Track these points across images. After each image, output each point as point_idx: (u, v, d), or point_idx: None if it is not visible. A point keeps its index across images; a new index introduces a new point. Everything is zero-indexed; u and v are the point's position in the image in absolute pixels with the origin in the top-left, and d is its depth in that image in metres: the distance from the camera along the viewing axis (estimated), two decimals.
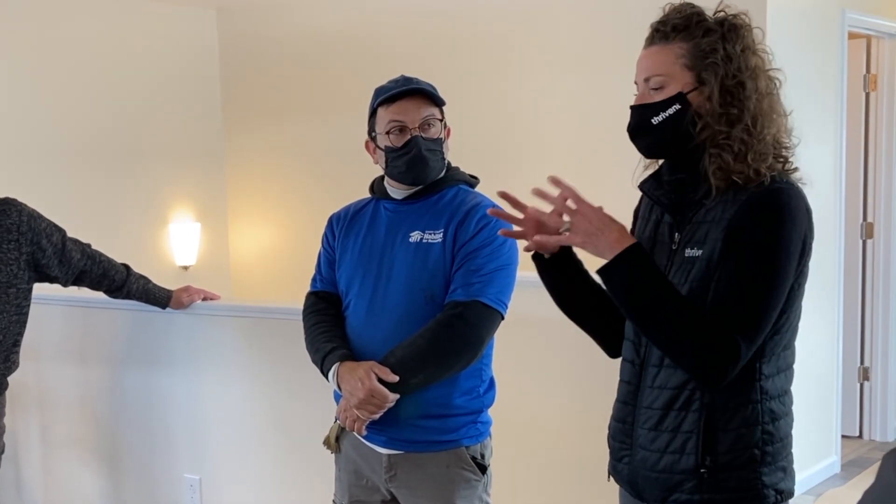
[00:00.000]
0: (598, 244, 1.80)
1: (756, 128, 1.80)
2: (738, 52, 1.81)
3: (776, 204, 1.77)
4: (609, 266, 1.79)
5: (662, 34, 1.86)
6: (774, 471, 1.84)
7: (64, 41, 5.58)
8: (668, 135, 1.85)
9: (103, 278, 3.27)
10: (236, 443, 3.51)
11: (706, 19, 1.84)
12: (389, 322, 2.33)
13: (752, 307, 1.75)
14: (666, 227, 1.92)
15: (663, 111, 1.84)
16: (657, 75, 1.85)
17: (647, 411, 1.88)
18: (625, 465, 1.95)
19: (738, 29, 1.84)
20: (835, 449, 5.11)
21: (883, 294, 5.58)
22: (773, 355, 1.83)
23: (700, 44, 1.82)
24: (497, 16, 5.20)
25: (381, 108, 2.39)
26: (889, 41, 5.50)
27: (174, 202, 6.21)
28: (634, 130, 1.90)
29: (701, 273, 1.79)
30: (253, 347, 3.45)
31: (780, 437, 1.86)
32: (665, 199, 1.91)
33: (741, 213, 1.77)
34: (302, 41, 6.01)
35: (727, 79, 1.80)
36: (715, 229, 1.80)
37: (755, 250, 1.75)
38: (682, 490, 1.84)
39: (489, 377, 2.44)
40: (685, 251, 1.84)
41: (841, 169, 5.02)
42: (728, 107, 1.81)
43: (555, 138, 5.01)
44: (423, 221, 2.38)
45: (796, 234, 1.77)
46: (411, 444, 2.35)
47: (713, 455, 1.81)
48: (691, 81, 1.82)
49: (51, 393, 3.94)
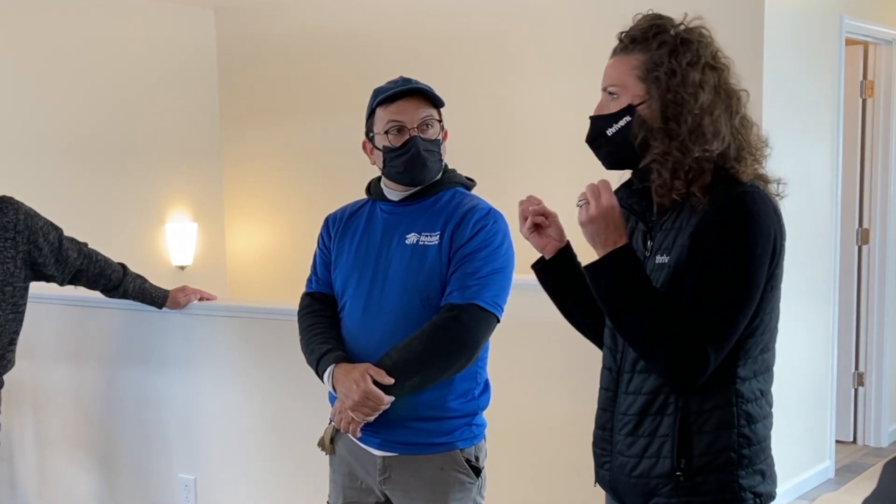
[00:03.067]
0: (597, 237, 1.82)
1: (692, 144, 1.79)
2: (683, 67, 1.80)
3: (740, 208, 1.76)
4: (596, 264, 1.82)
5: (623, 45, 1.87)
6: (752, 474, 1.84)
7: (61, 40, 5.58)
8: (621, 147, 1.86)
9: (100, 277, 3.27)
10: (231, 443, 3.51)
11: (666, 31, 1.83)
12: (385, 324, 2.33)
13: (719, 314, 1.75)
14: (640, 235, 1.94)
15: (615, 122, 1.86)
16: (613, 85, 1.87)
17: (623, 417, 1.90)
18: (606, 471, 1.96)
19: (689, 43, 1.82)
20: (829, 454, 5.12)
21: (878, 300, 5.59)
22: (748, 358, 1.83)
23: (653, 56, 1.82)
24: (495, 18, 5.20)
25: (379, 109, 2.39)
26: (886, 48, 5.51)
27: (171, 202, 6.21)
28: (591, 141, 1.93)
29: (667, 279, 1.80)
30: (249, 348, 3.46)
31: (758, 440, 1.85)
32: (637, 206, 1.92)
33: (706, 219, 1.77)
34: (300, 41, 6.01)
35: (667, 93, 1.80)
36: (681, 235, 1.81)
37: (721, 256, 1.75)
38: (660, 494, 1.85)
39: (484, 380, 2.44)
40: (656, 258, 1.85)
41: (837, 174, 5.03)
42: (667, 121, 1.80)
43: (553, 140, 5.02)
44: (419, 223, 2.38)
45: (762, 236, 1.77)
46: (406, 446, 2.35)
47: (688, 458, 1.81)
48: (641, 94, 1.83)
49: (46, 392, 3.93)
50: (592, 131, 1.91)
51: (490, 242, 2.33)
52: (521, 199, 2.05)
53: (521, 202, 2.03)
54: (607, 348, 1.98)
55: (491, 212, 2.38)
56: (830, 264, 5.02)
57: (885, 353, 5.61)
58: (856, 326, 5.64)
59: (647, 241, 1.90)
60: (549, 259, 2.06)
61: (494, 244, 2.33)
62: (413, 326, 2.30)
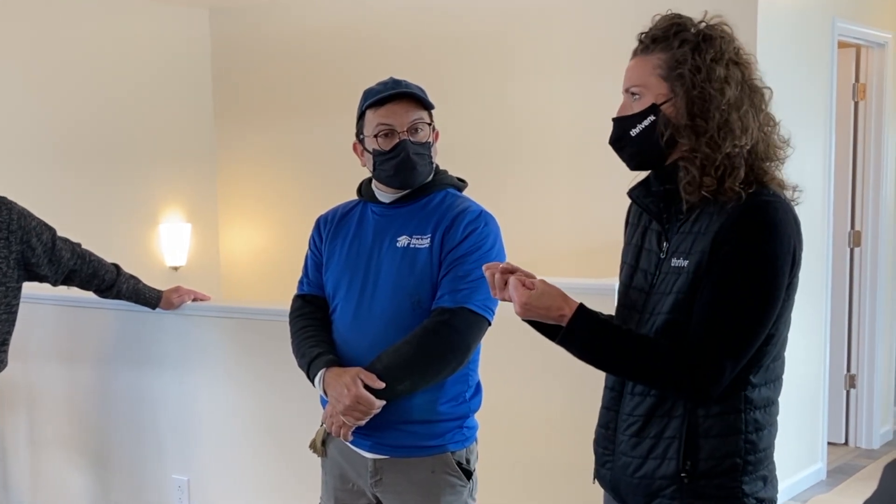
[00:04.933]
0: (544, 320, 1.83)
1: (721, 140, 1.78)
2: (707, 63, 1.79)
3: (762, 218, 1.76)
4: (562, 338, 1.82)
5: (644, 45, 1.86)
6: (755, 480, 1.85)
7: (55, 40, 5.57)
8: (645, 146, 1.85)
9: (93, 278, 3.27)
10: (225, 444, 3.51)
11: (687, 30, 1.83)
12: (376, 328, 2.33)
13: (739, 328, 1.75)
14: (654, 236, 1.92)
15: (639, 123, 1.84)
16: (635, 86, 1.86)
17: (628, 417, 1.89)
18: (607, 470, 1.96)
19: (712, 39, 1.82)
20: (821, 456, 5.13)
21: (870, 302, 5.61)
22: (761, 366, 1.83)
23: (675, 55, 1.81)
24: (491, 18, 5.21)
25: (369, 111, 2.38)
26: (878, 50, 5.53)
27: (164, 202, 6.21)
28: (615, 142, 1.91)
29: (687, 285, 1.79)
30: (242, 348, 3.46)
31: (763, 447, 1.86)
32: (653, 207, 1.91)
33: (726, 227, 1.76)
34: (294, 42, 6.01)
35: (693, 90, 1.79)
36: (701, 240, 1.79)
37: (742, 268, 1.74)
38: (663, 496, 1.85)
39: (475, 382, 2.44)
40: (672, 261, 1.84)
41: (829, 177, 5.05)
42: (694, 118, 1.79)
43: (548, 141, 5.02)
44: (410, 226, 2.37)
45: (783, 248, 1.76)
46: (397, 449, 2.35)
47: (694, 461, 1.81)
48: (665, 93, 1.82)
49: (39, 392, 3.93)
50: (616, 132, 1.90)
51: (481, 245, 2.32)
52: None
53: (487, 267, 1.92)
54: None
55: (482, 214, 2.38)
56: (822, 266, 5.03)
57: (877, 356, 5.63)
58: (847, 329, 5.65)
59: (663, 242, 1.89)
60: None
61: (486, 247, 2.33)
62: (404, 330, 2.29)
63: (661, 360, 1.77)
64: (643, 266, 1.92)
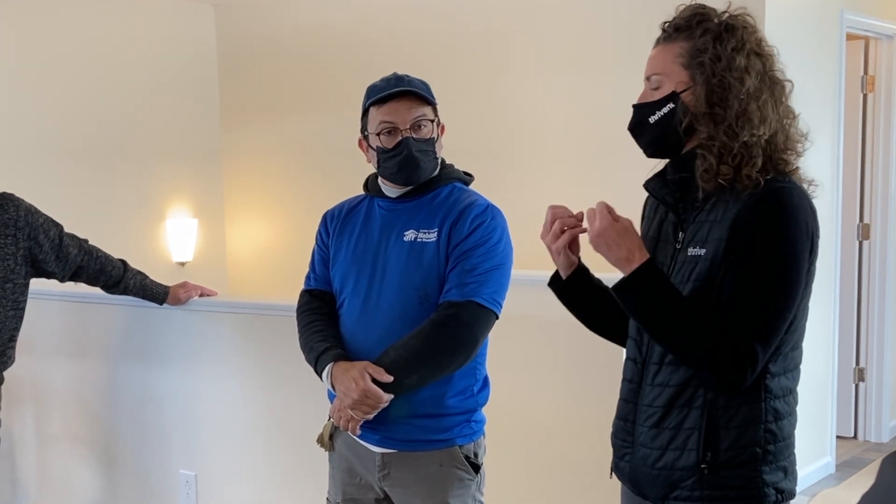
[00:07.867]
0: (609, 256, 1.83)
1: (739, 129, 1.79)
2: (728, 52, 1.80)
3: (779, 203, 1.76)
4: (621, 284, 1.82)
5: (667, 34, 1.88)
6: (776, 470, 1.85)
7: (60, 36, 5.57)
8: (663, 134, 1.86)
9: (100, 274, 3.27)
10: (232, 439, 3.51)
11: (709, 19, 1.84)
12: (383, 322, 2.32)
13: (766, 312, 1.75)
14: (670, 226, 1.93)
15: (658, 110, 1.85)
16: (656, 74, 1.87)
17: (648, 409, 1.89)
18: (626, 462, 1.95)
19: (734, 29, 1.83)
20: (829, 449, 5.12)
21: (879, 295, 5.59)
22: (780, 354, 1.82)
23: (697, 43, 1.82)
24: (494, 14, 5.20)
25: (372, 108, 2.38)
26: (887, 42, 5.50)
27: (171, 198, 6.21)
28: (634, 129, 1.92)
29: (705, 272, 1.80)
30: (249, 344, 3.46)
31: (783, 437, 1.86)
32: (669, 197, 1.91)
33: (744, 213, 1.76)
34: (300, 37, 6.01)
35: (712, 78, 1.80)
36: (718, 228, 1.80)
37: (763, 253, 1.75)
38: (683, 487, 1.84)
39: (483, 376, 2.43)
40: (688, 250, 1.84)
41: (838, 170, 5.03)
42: (713, 107, 1.80)
43: (551, 136, 5.02)
44: (417, 220, 2.37)
45: (802, 233, 1.77)
46: (405, 443, 2.35)
47: (714, 452, 1.81)
48: (685, 81, 1.83)
49: (46, 388, 3.94)
50: (635, 119, 1.91)
51: (488, 239, 2.32)
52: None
53: (553, 208, 1.98)
54: (632, 339, 1.97)
55: (489, 207, 2.37)
56: (831, 260, 5.01)
57: (886, 349, 5.61)
58: (856, 322, 5.64)
59: (679, 232, 1.89)
60: (566, 278, 2.03)
61: (493, 240, 2.33)
62: (411, 324, 2.29)
63: (713, 332, 1.75)
64: (660, 258, 1.91)
